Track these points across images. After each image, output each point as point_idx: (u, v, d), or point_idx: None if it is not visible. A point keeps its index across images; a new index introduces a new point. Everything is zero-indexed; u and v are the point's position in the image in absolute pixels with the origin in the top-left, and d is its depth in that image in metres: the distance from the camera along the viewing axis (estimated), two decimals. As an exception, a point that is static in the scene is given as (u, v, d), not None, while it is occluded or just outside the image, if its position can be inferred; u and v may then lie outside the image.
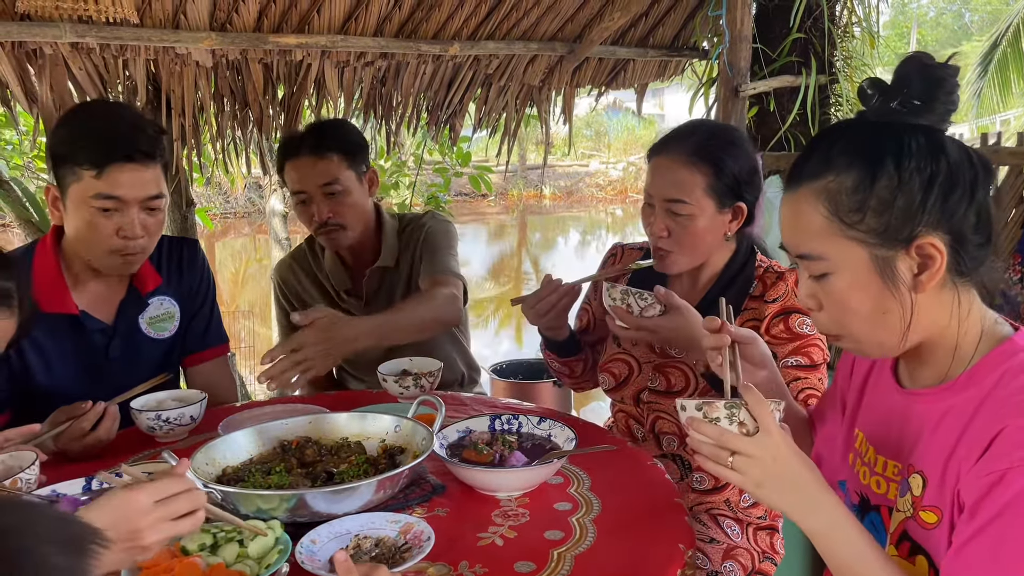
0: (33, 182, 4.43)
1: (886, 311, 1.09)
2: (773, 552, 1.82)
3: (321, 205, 2.25)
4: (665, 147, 1.78)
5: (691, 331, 1.66)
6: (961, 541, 1.01)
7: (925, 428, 1.13)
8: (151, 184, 1.77)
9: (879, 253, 1.07)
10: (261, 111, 3.19)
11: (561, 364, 2.04)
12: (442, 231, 2.41)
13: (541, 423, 1.66)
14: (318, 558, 1.25)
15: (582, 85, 3.87)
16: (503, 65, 3.55)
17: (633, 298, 1.70)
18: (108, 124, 1.76)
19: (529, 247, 13.77)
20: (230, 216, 14.01)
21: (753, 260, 1.85)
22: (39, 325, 1.80)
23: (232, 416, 1.82)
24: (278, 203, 4.58)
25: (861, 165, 1.07)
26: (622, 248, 2.06)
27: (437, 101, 3.60)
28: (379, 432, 1.62)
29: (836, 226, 1.08)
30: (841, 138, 1.11)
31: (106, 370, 1.88)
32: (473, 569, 1.25)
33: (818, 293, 1.14)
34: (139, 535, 1.07)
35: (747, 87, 3.19)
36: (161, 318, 1.99)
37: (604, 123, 21.43)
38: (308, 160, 2.24)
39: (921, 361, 1.16)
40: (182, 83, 3.00)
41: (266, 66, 3.11)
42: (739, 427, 1.11)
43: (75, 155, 1.73)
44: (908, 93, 1.09)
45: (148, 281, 1.96)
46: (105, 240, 1.77)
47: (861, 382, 1.32)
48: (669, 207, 1.75)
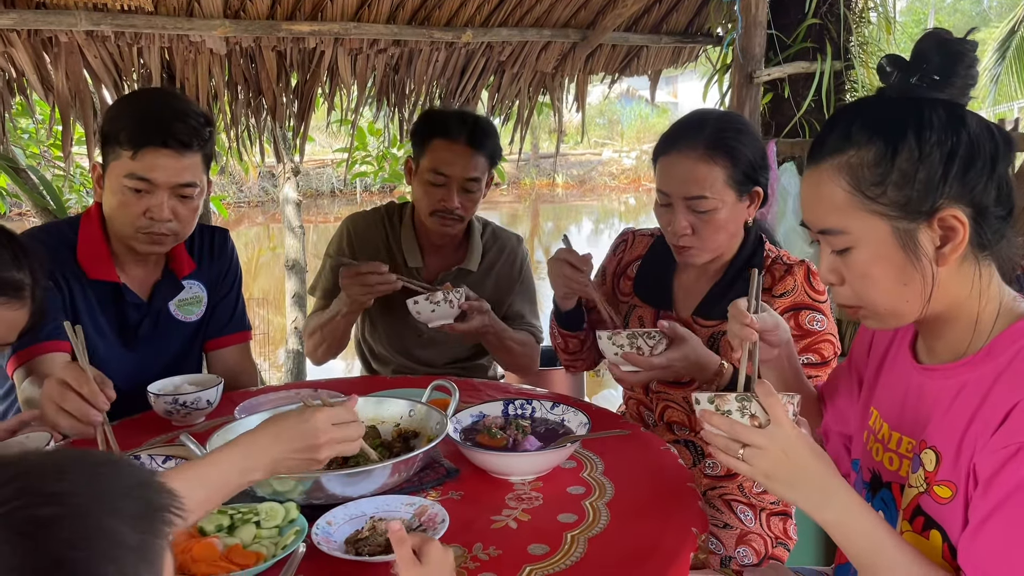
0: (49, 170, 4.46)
1: (907, 283, 1.10)
2: (786, 537, 1.83)
3: (455, 195, 2.24)
4: (675, 144, 1.76)
5: (697, 356, 1.66)
6: (977, 521, 1.02)
7: (940, 403, 1.13)
8: (185, 172, 1.80)
9: (901, 226, 1.08)
10: (275, 99, 3.19)
11: (560, 335, 2.04)
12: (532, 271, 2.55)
13: (554, 408, 1.67)
14: (334, 539, 1.27)
15: (595, 72, 3.86)
16: (516, 52, 3.54)
17: (642, 339, 1.66)
18: (152, 109, 1.80)
19: (541, 236, 13.75)
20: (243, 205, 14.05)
21: (762, 249, 1.84)
22: (91, 290, 1.88)
23: (249, 400, 1.84)
24: (292, 191, 4.59)
25: (882, 139, 1.08)
26: (633, 234, 2.06)
27: (450, 88, 3.59)
28: (393, 416, 1.63)
29: (858, 200, 1.09)
30: (861, 113, 1.12)
31: (134, 346, 1.92)
32: (487, 551, 1.26)
33: (840, 268, 1.15)
34: (317, 449, 1.24)
35: (761, 73, 3.17)
36: (189, 302, 2.03)
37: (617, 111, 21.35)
38: (465, 150, 2.22)
39: (939, 336, 1.17)
40: (196, 71, 3.01)
41: (279, 54, 3.11)
42: (751, 420, 1.12)
43: (117, 135, 1.78)
44: (927, 68, 1.10)
45: (184, 265, 2.01)
46: (133, 219, 1.81)
47: (879, 361, 1.32)
48: (690, 204, 1.73)
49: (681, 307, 1.90)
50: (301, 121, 3.36)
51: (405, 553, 1.04)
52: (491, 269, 2.44)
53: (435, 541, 1.07)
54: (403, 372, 2.42)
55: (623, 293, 2.00)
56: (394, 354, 2.45)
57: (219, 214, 5.51)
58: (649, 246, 1.98)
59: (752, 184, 1.75)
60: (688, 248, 1.78)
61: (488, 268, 2.43)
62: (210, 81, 3.06)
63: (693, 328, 1.83)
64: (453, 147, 2.23)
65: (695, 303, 1.86)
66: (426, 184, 2.27)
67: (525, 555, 1.25)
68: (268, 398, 1.86)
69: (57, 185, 4.14)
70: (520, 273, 2.49)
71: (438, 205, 2.26)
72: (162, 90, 2.16)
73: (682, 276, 1.89)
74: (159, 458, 1.50)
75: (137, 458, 1.50)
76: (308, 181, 14.28)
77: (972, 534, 1.02)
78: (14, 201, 4.91)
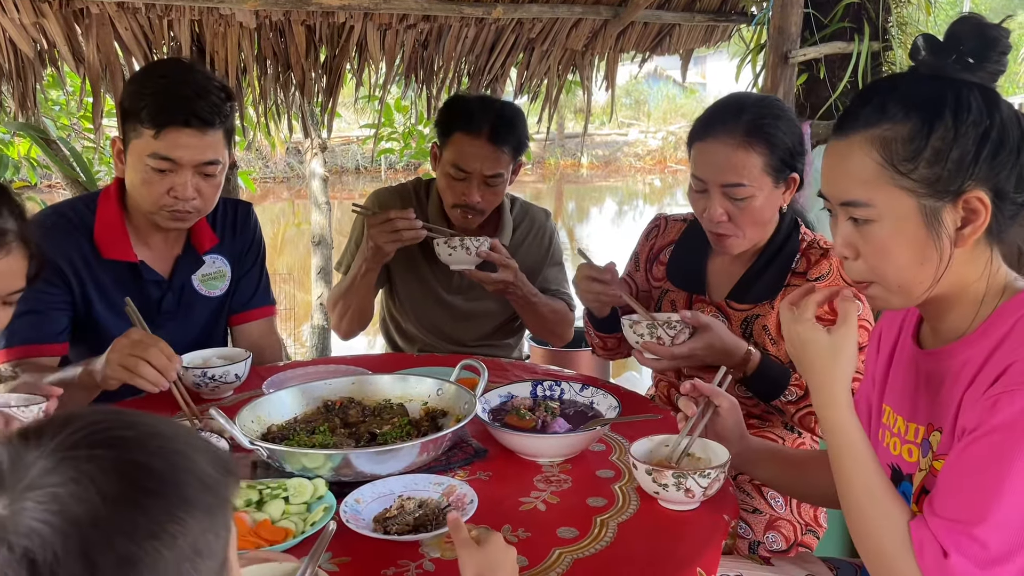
0: (80, 142, 4.48)
1: (924, 261, 1.11)
2: (816, 524, 1.80)
3: (476, 190, 2.21)
4: (711, 129, 1.72)
5: (723, 343, 1.65)
6: (952, 454, 1.07)
7: (944, 384, 1.15)
8: (208, 150, 1.78)
9: (927, 203, 1.09)
10: (303, 74, 3.18)
11: (597, 336, 2.02)
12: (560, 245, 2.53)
13: (583, 390, 1.66)
14: (362, 517, 1.26)
15: (626, 50, 3.80)
16: (546, 29, 3.49)
17: (662, 329, 1.65)
18: (172, 86, 1.76)
19: (565, 217, 13.69)
20: (269, 181, 14.09)
21: (797, 233, 1.81)
22: (104, 270, 1.85)
23: (277, 375, 1.84)
24: (319, 167, 4.59)
25: (918, 115, 1.08)
26: (665, 219, 2.03)
27: (479, 66, 3.56)
28: (422, 395, 1.62)
29: (888, 174, 1.09)
30: (897, 88, 1.12)
31: (158, 323, 1.92)
32: (516, 533, 1.26)
33: (857, 241, 1.15)
34: None
35: (797, 53, 3.11)
36: (213, 276, 2.02)
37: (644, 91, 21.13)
38: (486, 146, 2.18)
39: (943, 318, 1.19)
40: (225, 44, 2.99)
41: (309, 28, 3.09)
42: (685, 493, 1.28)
43: (138, 113, 1.75)
44: (962, 51, 1.10)
45: (205, 240, 1.99)
46: (157, 197, 1.79)
47: (887, 359, 1.32)
48: (727, 192, 1.70)
49: (714, 292, 1.87)
50: (329, 97, 3.35)
51: (463, 536, 1.06)
52: (521, 243, 2.42)
53: (498, 535, 1.07)
54: (429, 350, 2.41)
55: (656, 278, 1.97)
56: (422, 331, 2.44)
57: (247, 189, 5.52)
58: (682, 231, 1.95)
59: (789, 170, 1.71)
60: (726, 237, 1.75)
61: (519, 243, 2.41)
62: (239, 55, 3.05)
63: (727, 312, 1.80)
64: (474, 142, 2.19)
65: (728, 288, 1.83)
66: (447, 177, 2.25)
67: (555, 538, 1.24)
68: (295, 373, 1.86)
69: (87, 157, 4.15)
70: (550, 246, 2.47)
71: (459, 199, 2.24)
72: (181, 63, 2.13)
73: (715, 261, 1.86)
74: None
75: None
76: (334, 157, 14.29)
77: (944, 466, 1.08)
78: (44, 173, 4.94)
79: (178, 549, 0.61)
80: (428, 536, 1.21)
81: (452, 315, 2.41)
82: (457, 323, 2.42)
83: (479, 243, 2.07)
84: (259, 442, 1.36)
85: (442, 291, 2.38)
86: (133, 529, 0.60)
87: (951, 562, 1.02)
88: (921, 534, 1.06)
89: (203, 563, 0.63)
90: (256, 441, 1.36)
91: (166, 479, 0.63)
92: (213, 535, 0.65)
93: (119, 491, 0.61)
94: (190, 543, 0.62)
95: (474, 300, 2.39)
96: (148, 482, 0.62)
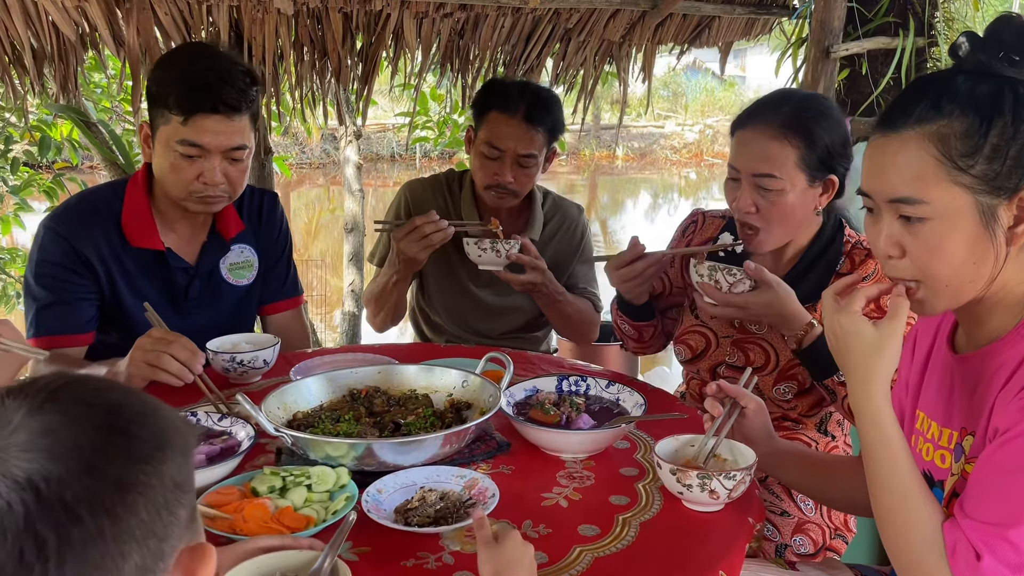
0: (120, 124, 4.54)
1: (979, 260, 1.09)
2: (846, 529, 1.78)
3: (509, 170, 2.21)
4: (752, 119, 1.70)
5: (783, 307, 1.61)
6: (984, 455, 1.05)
7: (979, 386, 1.13)
8: (236, 135, 1.78)
9: (985, 200, 1.07)
10: (340, 61, 3.19)
11: (631, 327, 1.99)
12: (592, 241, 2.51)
13: (609, 386, 1.64)
14: (384, 508, 1.26)
15: (664, 42, 3.76)
16: (583, 19, 3.46)
17: (721, 274, 1.64)
18: (199, 72, 1.76)
19: (598, 209, 13.62)
20: (305, 166, 14.19)
21: (841, 235, 1.77)
22: (131, 257, 1.87)
23: (304, 362, 1.85)
24: (353, 153, 4.60)
25: (975, 111, 1.07)
26: (703, 215, 2.00)
27: (515, 55, 3.54)
28: (447, 386, 1.62)
29: (945, 170, 1.07)
30: (949, 86, 1.10)
31: (185, 310, 1.93)
32: (537, 529, 1.25)
33: (905, 240, 1.12)
34: None
35: (839, 48, 3.05)
36: (241, 266, 2.03)
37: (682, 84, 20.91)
38: (521, 124, 2.19)
39: (980, 321, 1.17)
40: (263, 30, 3.01)
41: (346, 15, 3.09)
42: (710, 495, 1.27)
43: (165, 99, 1.75)
44: (1006, 49, 1.09)
45: (231, 226, 2.00)
46: (186, 183, 1.80)
47: (922, 365, 1.30)
48: (758, 182, 1.67)
49: None
50: (365, 84, 3.35)
51: (485, 534, 1.07)
52: (552, 238, 2.41)
53: (516, 531, 1.07)
54: (456, 341, 2.41)
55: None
56: (449, 323, 2.44)
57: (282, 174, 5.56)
58: (720, 229, 1.92)
59: (827, 171, 1.67)
60: (754, 233, 1.71)
61: (549, 237, 2.40)
62: (276, 41, 3.06)
63: None
64: (510, 121, 2.19)
65: None
66: (481, 156, 2.24)
67: (576, 535, 1.23)
68: (323, 360, 1.87)
69: (127, 140, 4.20)
70: (581, 242, 2.45)
71: (492, 179, 2.23)
72: (207, 48, 2.14)
73: (756, 261, 1.83)
74: (215, 415, 1.52)
75: (194, 415, 1.52)
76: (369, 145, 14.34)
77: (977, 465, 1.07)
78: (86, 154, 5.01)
79: (164, 479, 0.65)
80: (449, 529, 1.21)
81: (480, 309, 2.40)
82: (485, 317, 2.41)
83: (509, 245, 2.06)
84: (284, 429, 1.36)
85: (471, 285, 2.38)
86: (126, 455, 0.64)
87: (984, 564, 1.01)
88: (954, 535, 1.05)
89: (184, 497, 0.67)
90: (281, 428, 1.37)
91: (147, 414, 0.68)
92: (188, 474, 0.69)
93: (109, 423, 0.65)
94: (172, 476, 0.66)
95: (503, 295, 2.39)
96: (133, 416, 0.66)
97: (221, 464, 1.32)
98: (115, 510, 0.61)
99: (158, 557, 0.64)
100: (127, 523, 0.61)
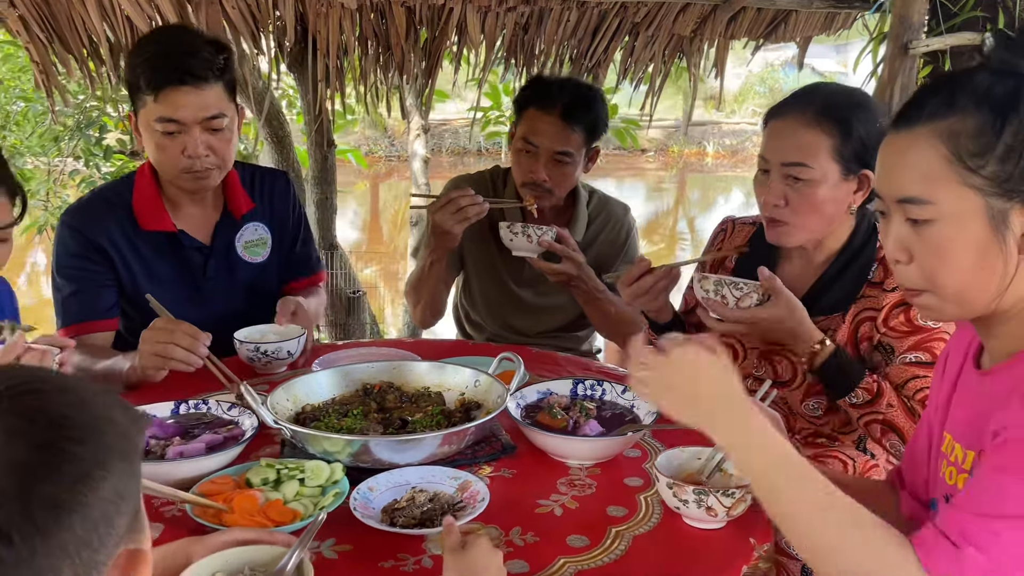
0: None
1: (986, 267, 1.01)
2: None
3: (543, 167, 2.19)
4: (785, 109, 1.62)
5: (794, 322, 1.54)
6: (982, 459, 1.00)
7: (995, 405, 1.04)
8: (209, 104, 1.81)
9: (995, 203, 1.00)
10: (403, 55, 3.21)
11: None
12: (639, 242, 2.46)
13: (625, 392, 1.59)
14: (373, 506, 1.25)
15: (737, 37, 3.64)
16: (651, 14, 3.38)
17: (728, 288, 1.57)
18: (162, 49, 1.80)
19: (686, 206, 13.37)
20: (394, 159, 14.41)
21: (874, 240, 1.66)
22: (144, 241, 1.93)
23: (329, 354, 1.87)
24: (421, 147, 4.64)
25: (990, 109, 1.00)
26: (733, 222, 1.92)
27: (581, 50, 3.49)
28: (459, 385, 1.60)
29: (955, 169, 1.01)
30: (966, 82, 1.04)
31: (205, 289, 1.98)
32: (524, 536, 1.22)
33: (912, 243, 1.05)
34: None
35: (919, 44, 2.88)
36: (255, 243, 2.07)
37: (780, 80, 20.29)
38: (557, 122, 2.17)
39: (997, 336, 1.08)
40: (327, 24, 3.05)
41: (409, 9, 3.11)
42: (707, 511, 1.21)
43: (137, 81, 1.80)
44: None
45: (241, 204, 2.03)
46: (174, 160, 1.84)
47: (951, 385, 1.20)
48: (788, 172, 1.59)
49: None
50: (428, 79, 3.37)
51: (452, 540, 1.05)
52: (596, 238, 2.36)
53: (484, 538, 1.05)
54: (497, 339, 2.39)
55: None
56: (489, 321, 2.42)
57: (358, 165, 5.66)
58: (750, 236, 1.84)
59: (861, 166, 1.58)
60: (778, 224, 1.63)
61: (593, 237, 2.35)
62: (340, 36, 3.10)
63: None
64: (545, 117, 2.16)
65: (799, 297, 1.71)
66: (518, 152, 2.22)
67: (563, 546, 1.20)
68: (348, 353, 1.88)
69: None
70: (626, 243, 2.40)
71: (527, 176, 2.20)
72: (173, 27, 2.18)
73: (785, 268, 1.74)
74: (224, 404, 1.54)
75: (205, 403, 1.54)
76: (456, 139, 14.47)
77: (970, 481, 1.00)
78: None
79: (103, 493, 0.64)
80: (434, 532, 1.19)
81: (520, 307, 2.38)
82: (525, 315, 2.39)
83: (541, 232, 2.04)
84: (282, 422, 1.37)
85: (512, 283, 2.36)
86: (60, 475, 0.63)
87: (965, 553, 0.94)
88: (929, 538, 0.97)
89: (124, 505, 0.67)
90: (280, 420, 1.38)
91: (88, 428, 0.66)
92: (130, 479, 0.68)
93: (45, 440, 0.64)
94: (112, 487, 0.65)
95: (544, 294, 2.35)
96: (72, 431, 0.65)
97: (219, 454, 1.34)
98: (48, 529, 0.61)
99: (91, 567, 0.64)
100: (60, 540, 0.61)
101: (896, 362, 1.57)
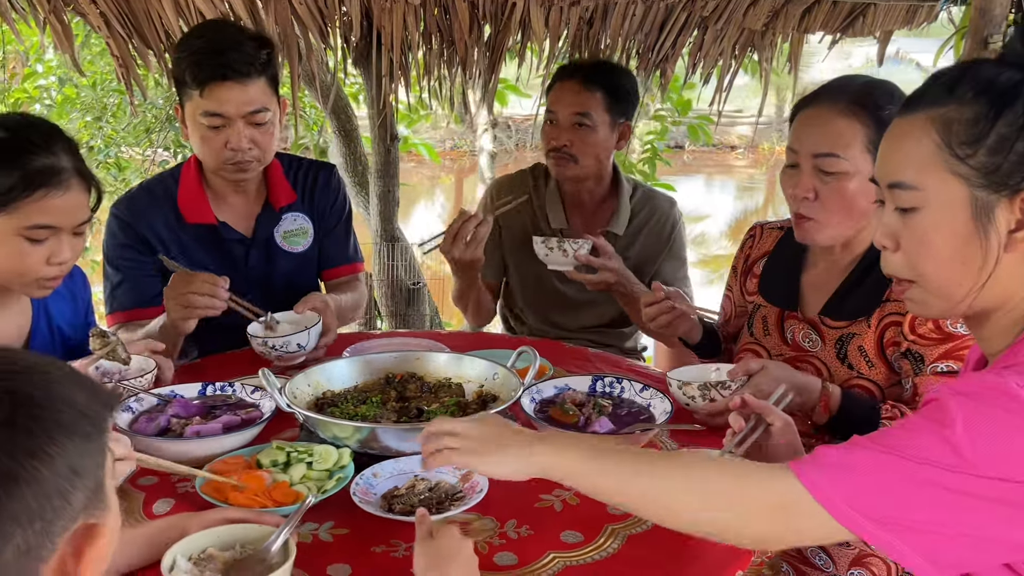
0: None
1: (965, 260, 0.99)
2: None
3: (563, 130, 2.22)
4: (816, 98, 1.57)
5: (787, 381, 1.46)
6: None
7: None
8: (252, 99, 1.86)
9: (980, 195, 0.97)
10: (467, 51, 3.23)
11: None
12: (685, 237, 2.44)
13: (643, 391, 1.57)
14: (374, 492, 1.28)
15: (811, 31, 3.51)
16: (721, 7, 3.30)
17: (715, 391, 1.49)
18: (207, 44, 1.86)
19: (775, 205, 13.03)
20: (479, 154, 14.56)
21: None
22: (187, 234, 2.01)
23: (361, 343, 1.91)
24: (488, 143, 4.67)
25: (987, 98, 0.97)
26: (761, 227, 1.87)
27: (647, 45, 3.44)
28: (478, 377, 1.62)
29: (943, 156, 0.99)
30: (969, 71, 1.01)
31: (246, 279, 2.04)
32: (519, 530, 1.23)
33: (899, 231, 1.04)
34: None
35: (999, 39, 2.73)
36: (295, 233, 2.12)
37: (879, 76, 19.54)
38: (576, 85, 2.22)
39: (983, 338, 1.06)
40: (392, 20, 3.10)
41: (472, 4, 3.13)
42: None
43: (183, 76, 1.88)
44: None
45: (282, 197, 2.09)
46: (217, 153, 1.90)
47: None
48: (818, 164, 1.53)
49: (808, 307, 1.70)
50: (491, 74, 3.38)
51: (423, 530, 1.08)
52: (639, 232, 2.33)
53: (453, 527, 1.07)
54: (539, 334, 2.39)
55: (748, 292, 1.84)
56: (531, 315, 2.43)
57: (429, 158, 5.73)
58: (777, 241, 1.79)
59: None
60: (806, 220, 1.57)
61: (636, 232, 2.33)
62: (404, 31, 3.15)
63: (820, 330, 1.64)
64: (566, 84, 2.23)
65: (823, 301, 1.65)
66: (545, 125, 2.27)
67: (555, 541, 1.20)
68: (380, 343, 1.91)
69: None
70: (671, 238, 2.36)
71: (549, 143, 2.24)
72: (216, 23, 2.24)
73: (810, 272, 1.69)
74: (249, 388, 1.59)
75: (231, 385, 1.60)
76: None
77: None
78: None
79: (56, 468, 0.68)
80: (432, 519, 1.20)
81: (562, 304, 2.37)
82: (565, 310, 2.38)
83: (577, 246, 2.02)
84: (295, 406, 1.41)
85: (553, 278, 2.35)
86: (13, 447, 0.66)
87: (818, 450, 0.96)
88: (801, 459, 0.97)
89: (80, 482, 0.70)
90: (293, 405, 1.42)
91: (44, 406, 0.70)
92: (90, 459, 0.71)
93: (6, 417, 0.67)
94: (67, 464, 0.69)
95: (586, 290, 2.33)
96: (29, 408, 0.69)
97: (234, 435, 1.39)
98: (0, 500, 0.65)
99: (44, 537, 0.67)
100: (11, 510, 0.65)
101: (927, 371, 1.50)
